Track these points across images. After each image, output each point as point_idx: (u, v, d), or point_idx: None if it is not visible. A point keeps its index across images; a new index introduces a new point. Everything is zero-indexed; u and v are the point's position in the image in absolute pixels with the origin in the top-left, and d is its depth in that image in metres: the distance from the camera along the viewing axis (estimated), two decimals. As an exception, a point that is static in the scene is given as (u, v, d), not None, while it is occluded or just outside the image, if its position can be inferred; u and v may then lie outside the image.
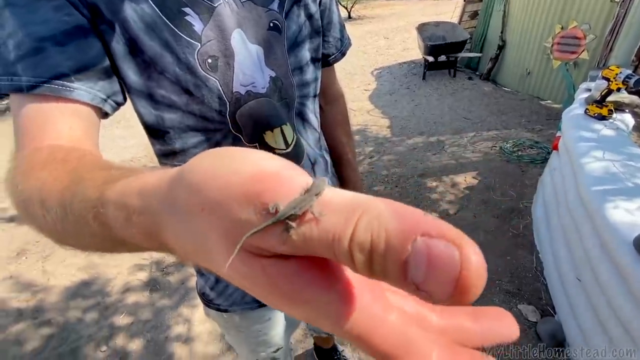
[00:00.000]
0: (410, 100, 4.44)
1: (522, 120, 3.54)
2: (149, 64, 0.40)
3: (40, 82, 0.34)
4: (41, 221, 0.26)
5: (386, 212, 0.12)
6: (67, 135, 0.34)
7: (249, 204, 0.13)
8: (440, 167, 2.88)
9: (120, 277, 2.08)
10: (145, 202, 0.16)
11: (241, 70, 0.45)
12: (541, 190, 2.17)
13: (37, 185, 0.26)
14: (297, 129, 0.55)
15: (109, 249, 0.24)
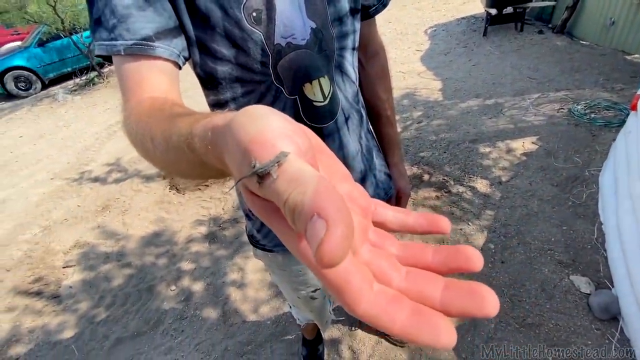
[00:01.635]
0: (467, 60, 4.08)
1: (600, 79, 3.08)
2: (203, 20, 0.46)
3: (131, 45, 0.42)
4: (152, 154, 0.35)
5: (309, 192, 0.15)
6: (158, 88, 0.43)
7: (244, 157, 0.18)
8: (496, 131, 2.68)
9: (184, 230, 2.36)
10: (214, 136, 0.23)
11: (282, 22, 0.48)
12: (613, 157, 1.93)
13: (147, 127, 0.35)
14: (336, 82, 0.57)
15: (198, 172, 0.32)
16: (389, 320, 0.16)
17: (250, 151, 0.18)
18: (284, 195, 0.16)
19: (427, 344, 0.16)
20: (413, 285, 0.18)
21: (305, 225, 0.15)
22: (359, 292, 0.16)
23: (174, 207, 2.64)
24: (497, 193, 2.12)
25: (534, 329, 1.40)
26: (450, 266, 0.20)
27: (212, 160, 0.24)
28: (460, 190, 2.19)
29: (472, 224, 1.95)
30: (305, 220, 0.15)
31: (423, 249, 0.21)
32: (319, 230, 0.14)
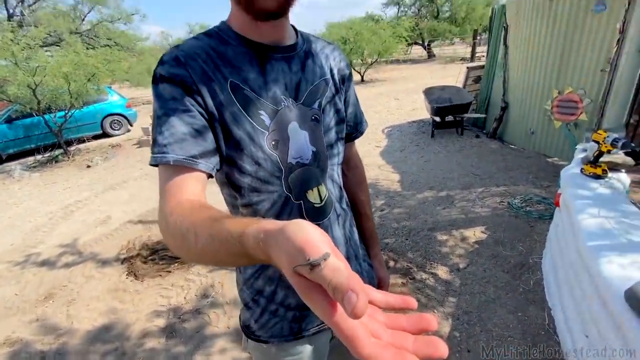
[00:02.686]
0: (419, 157, 4.67)
1: (529, 177, 3.65)
2: (235, 144, 0.61)
3: (181, 159, 0.55)
4: (193, 245, 0.43)
5: (344, 277, 0.27)
6: (193, 192, 0.54)
7: (300, 253, 0.29)
8: (450, 221, 2.97)
9: (139, 322, 2.17)
10: (265, 236, 0.33)
11: (294, 148, 0.66)
12: (548, 246, 2.21)
13: (191, 224, 0.45)
14: (328, 188, 0.74)
15: (232, 261, 0.41)
16: (382, 358, 0.25)
17: (304, 249, 0.29)
18: (329, 279, 0.27)
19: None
20: (395, 339, 0.29)
21: (343, 296, 0.25)
22: (364, 340, 0.26)
23: (129, 296, 2.45)
24: (456, 280, 2.25)
25: None
26: (416, 327, 0.31)
27: (258, 253, 0.35)
28: (423, 277, 2.30)
29: (437, 311, 2.01)
30: (343, 293, 0.25)
31: (399, 317, 0.32)
32: (352, 299, 0.25)
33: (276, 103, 0.64)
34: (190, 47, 0.60)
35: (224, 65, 0.61)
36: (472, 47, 16.01)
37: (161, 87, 0.57)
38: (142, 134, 7.25)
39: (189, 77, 0.57)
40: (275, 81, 0.64)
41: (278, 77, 0.64)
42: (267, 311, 0.75)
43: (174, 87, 0.57)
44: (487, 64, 5.35)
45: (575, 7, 3.43)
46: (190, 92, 0.57)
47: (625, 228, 1.48)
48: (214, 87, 0.59)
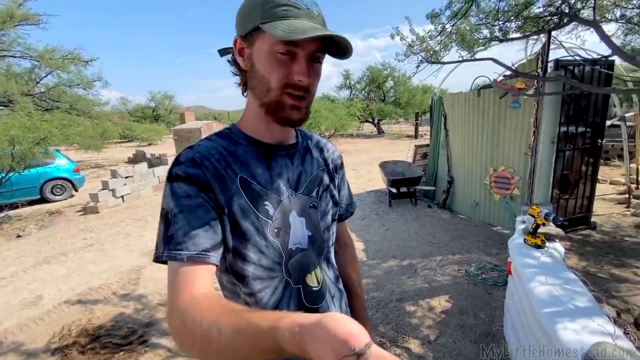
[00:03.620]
0: (380, 225, 4.88)
1: (480, 245, 3.97)
2: (241, 235, 0.65)
3: (194, 254, 0.58)
4: (215, 340, 0.45)
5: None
6: (204, 285, 0.56)
7: (344, 344, 0.34)
8: (415, 290, 3.04)
9: None
10: (301, 330, 0.37)
11: (294, 235, 0.71)
12: (507, 313, 2.34)
13: (213, 319, 0.47)
14: (324, 270, 0.77)
15: (261, 356, 0.42)
16: None
17: (349, 341, 0.34)
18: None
19: None
20: None
21: None
22: None
23: (58, 399, 2.03)
24: (429, 354, 2.24)
25: None
26: None
27: (292, 347, 0.38)
28: (397, 352, 2.26)
29: (414, 390, 1.95)
30: None
31: None
32: None
33: (280, 194, 0.71)
34: (205, 148, 0.67)
35: (234, 163, 0.68)
36: (415, 127, 18.25)
37: (176, 185, 0.62)
38: (89, 200, 6.74)
39: (203, 175, 0.62)
40: (279, 175, 0.72)
41: (282, 171, 0.73)
42: None
43: (189, 185, 0.61)
44: (431, 144, 6.10)
45: (498, 102, 4.22)
46: (204, 189, 0.62)
47: (570, 294, 1.67)
48: (225, 183, 0.65)
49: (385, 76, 23.20)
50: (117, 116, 16.05)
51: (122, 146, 22.24)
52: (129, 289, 3.41)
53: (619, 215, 4.86)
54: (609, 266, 3.31)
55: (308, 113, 0.69)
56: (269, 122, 0.70)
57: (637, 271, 3.20)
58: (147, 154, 10.65)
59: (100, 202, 6.53)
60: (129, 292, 3.33)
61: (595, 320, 1.44)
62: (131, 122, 19.79)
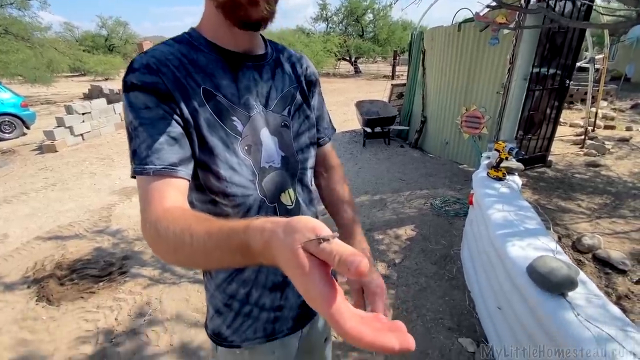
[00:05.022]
0: (354, 164, 4.98)
1: (446, 181, 4.20)
2: (209, 150, 0.62)
3: (160, 169, 0.55)
4: (187, 246, 0.45)
5: (350, 250, 0.31)
6: (176, 200, 0.54)
7: (311, 231, 0.34)
8: (384, 221, 3.25)
9: (59, 353, 1.88)
10: (274, 226, 0.37)
11: (266, 153, 0.69)
12: (465, 238, 2.59)
13: (186, 226, 0.46)
14: (297, 191, 0.77)
15: (230, 259, 0.43)
16: (363, 332, 0.27)
17: (316, 229, 0.35)
18: (336, 250, 0.32)
19: (386, 346, 0.27)
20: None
21: (347, 260, 0.30)
22: (346, 314, 0.28)
23: (42, 325, 2.10)
24: (394, 274, 2.48)
25: (443, 394, 1.59)
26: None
27: (259, 244, 0.37)
28: (365, 273, 2.48)
29: (379, 303, 2.19)
30: (348, 258, 0.30)
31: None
32: (357, 259, 0.30)
33: (248, 109, 0.66)
34: (161, 53, 0.60)
35: (196, 72, 0.61)
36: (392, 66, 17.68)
37: (133, 96, 0.56)
38: (44, 137, 6.24)
39: (162, 84, 0.57)
40: (247, 89, 0.67)
41: (250, 85, 0.67)
42: (240, 314, 0.76)
43: (147, 95, 0.56)
44: (408, 82, 6.01)
45: (477, 38, 4.12)
46: (164, 99, 0.57)
47: (522, 219, 1.84)
48: (187, 93, 0.59)
49: (365, 8, 21.64)
50: (63, 44, 14.17)
51: (74, 81, 20.08)
52: (102, 225, 3.38)
53: (573, 155, 5.24)
54: (557, 199, 3.66)
55: (272, 13, 0.61)
56: (230, 27, 0.62)
57: (580, 203, 3.58)
58: (104, 89, 9.69)
59: (58, 141, 6.07)
60: (102, 229, 3.30)
61: (541, 239, 1.62)
62: (81, 52, 17.56)
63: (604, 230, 3.03)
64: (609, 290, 2.26)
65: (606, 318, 1.14)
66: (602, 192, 3.86)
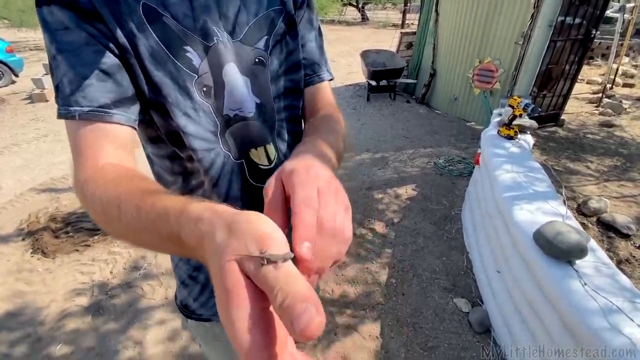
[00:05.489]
0: (357, 120, 4.77)
1: (451, 139, 4.02)
2: (155, 89, 0.48)
3: (87, 111, 0.42)
4: (115, 220, 0.36)
5: (296, 298, 0.21)
6: (114, 154, 0.43)
7: (256, 242, 0.24)
8: (385, 180, 3.15)
9: (55, 304, 1.90)
10: (213, 217, 0.27)
11: (231, 97, 0.54)
12: (468, 199, 2.50)
13: (114, 196, 0.36)
14: (279, 148, 0.62)
15: (163, 246, 0.34)
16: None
17: (264, 241, 0.24)
18: (282, 283, 0.22)
19: None
20: None
21: (294, 308, 0.21)
22: None
23: (38, 277, 2.11)
24: (392, 233, 2.44)
25: (434, 350, 1.60)
26: None
27: (191, 239, 0.28)
28: (363, 232, 2.44)
29: (376, 262, 2.18)
30: (294, 313, 0.20)
31: None
32: (309, 313, 0.20)
33: (207, 37, 0.50)
34: None
35: None
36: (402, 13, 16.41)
37: (47, 12, 0.42)
38: (33, 86, 5.96)
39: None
40: (205, 9, 0.50)
41: (209, 3, 0.50)
42: (207, 288, 0.68)
43: (64, 11, 0.42)
44: (419, 31, 5.53)
45: (499, -21, 3.67)
46: (87, 17, 0.42)
47: (531, 181, 1.73)
48: (120, 10, 0.44)
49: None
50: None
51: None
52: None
53: (587, 114, 4.98)
54: (566, 160, 3.52)
55: None
56: None
57: (589, 165, 3.44)
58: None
59: (48, 89, 5.80)
60: (96, 182, 3.24)
61: (550, 203, 1.52)
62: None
63: (611, 193, 2.93)
64: (610, 254, 2.21)
65: (615, 288, 1.07)
66: (614, 153, 3.69)
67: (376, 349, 1.64)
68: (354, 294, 1.96)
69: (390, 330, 1.73)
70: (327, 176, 0.35)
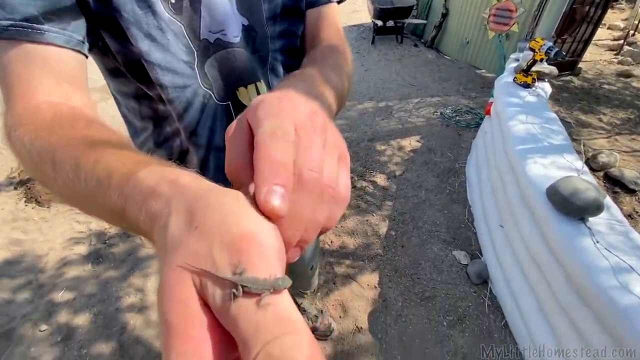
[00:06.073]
0: (360, 65, 4.46)
1: (460, 88, 3.80)
2: (106, 2, 0.35)
3: (7, 26, 0.30)
4: (51, 179, 0.28)
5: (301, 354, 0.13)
6: (54, 90, 0.32)
7: (227, 252, 0.15)
8: (388, 131, 3.02)
9: (54, 252, 1.90)
10: (172, 192, 0.18)
11: (209, 15, 0.41)
12: (474, 151, 2.41)
13: (48, 148, 0.27)
14: (273, 88, 0.49)
15: (109, 218, 0.25)
16: None
17: (239, 250, 0.15)
18: (263, 339, 0.13)
19: None
20: None
21: None
22: None
23: (34, 225, 2.09)
24: (393, 186, 2.39)
25: (431, 300, 1.63)
26: None
27: (143, 213, 0.20)
28: (363, 185, 2.38)
29: (376, 214, 2.15)
30: None
31: None
32: None
33: None
34: None
35: None
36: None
37: None
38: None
39: None
40: None
41: None
42: None
43: None
44: (432, -38, 4.94)
45: None
46: None
47: (547, 132, 1.62)
48: None
49: None
50: None
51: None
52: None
53: (605, 63, 4.68)
54: (578, 112, 3.36)
55: None
56: None
57: (602, 117, 3.29)
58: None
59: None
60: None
61: (566, 157, 1.43)
62: None
63: (621, 147, 2.83)
64: (613, 209, 2.19)
65: (627, 247, 1.03)
66: (629, 105, 3.52)
67: (374, 298, 1.67)
68: (353, 245, 1.96)
69: (389, 281, 1.75)
70: (308, 109, 0.24)
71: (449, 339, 1.48)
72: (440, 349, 1.44)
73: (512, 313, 1.43)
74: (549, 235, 1.16)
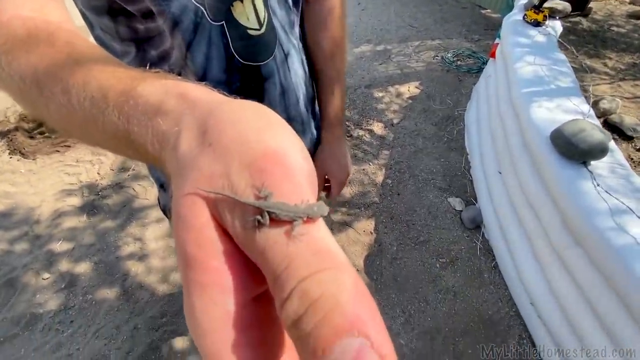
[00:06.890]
0: (356, 5, 4.12)
1: (462, 30, 3.57)
2: None
3: None
4: (42, 108, 0.24)
5: (348, 293, 0.10)
6: (31, 4, 0.27)
7: (249, 172, 0.12)
8: (386, 77, 2.88)
9: (46, 204, 1.86)
10: (180, 107, 0.15)
11: None
12: (475, 97, 2.32)
13: (28, 71, 0.23)
14: (270, 6, 0.43)
15: (111, 145, 0.22)
16: None
17: (262, 170, 0.12)
18: (300, 270, 0.11)
19: None
20: None
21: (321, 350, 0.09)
22: None
23: (22, 178, 2.03)
24: (390, 134, 2.33)
25: (425, 244, 1.68)
26: None
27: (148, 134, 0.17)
28: (360, 133, 2.32)
29: (372, 163, 2.13)
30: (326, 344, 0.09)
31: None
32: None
33: None
34: None
35: None
36: None
37: None
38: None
39: None
40: None
41: None
42: None
43: None
44: None
45: None
46: None
47: (554, 75, 1.54)
48: None
49: None
50: None
51: None
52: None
53: (616, 3, 4.39)
54: (584, 56, 3.21)
55: None
56: None
57: (607, 62, 3.16)
58: None
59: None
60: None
61: (572, 100, 1.37)
62: None
63: (623, 93, 2.76)
64: (608, 156, 2.19)
65: (627, 190, 1.03)
66: (636, 49, 3.37)
67: (370, 243, 1.71)
68: (349, 193, 1.96)
69: (384, 227, 1.78)
70: None
71: (441, 279, 1.55)
72: (433, 288, 1.52)
73: (503, 255, 1.48)
74: (549, 179, 1.16)
